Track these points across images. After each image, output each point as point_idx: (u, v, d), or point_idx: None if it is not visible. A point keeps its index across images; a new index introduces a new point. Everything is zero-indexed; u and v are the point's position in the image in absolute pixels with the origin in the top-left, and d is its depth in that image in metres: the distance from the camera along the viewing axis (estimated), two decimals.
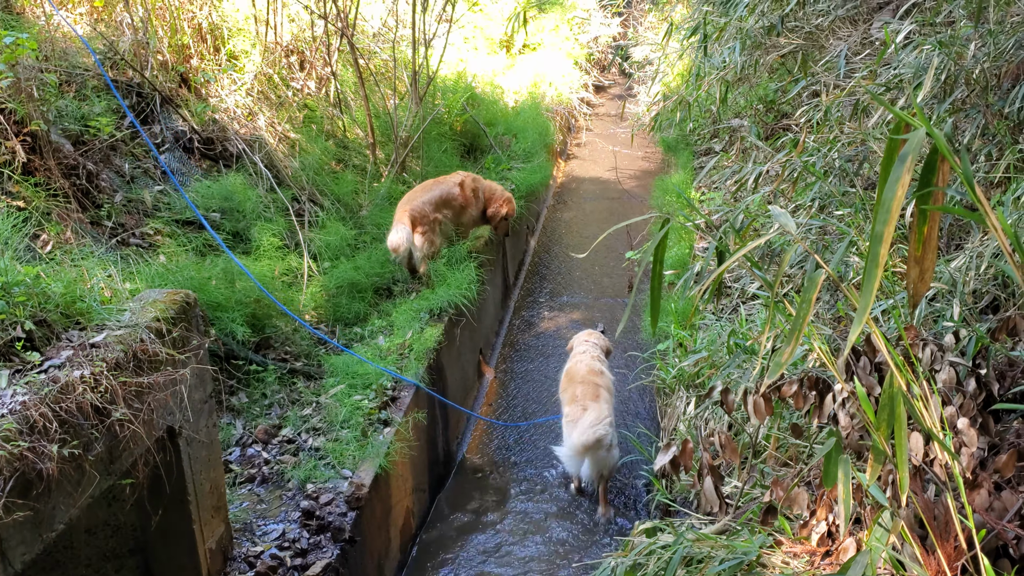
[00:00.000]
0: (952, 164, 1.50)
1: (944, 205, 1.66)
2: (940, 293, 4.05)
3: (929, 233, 1.61)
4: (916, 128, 1.46)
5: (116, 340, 3.34)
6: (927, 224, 1.59)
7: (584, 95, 14.27)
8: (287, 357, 5.77)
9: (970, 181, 1.48)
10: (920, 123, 1.47)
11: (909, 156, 1.43)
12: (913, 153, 1.43)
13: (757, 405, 2.87)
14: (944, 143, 1.49)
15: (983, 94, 4.80)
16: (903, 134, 1.49)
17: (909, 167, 1.44)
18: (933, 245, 1.62)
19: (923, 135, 1.46)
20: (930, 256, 1.62)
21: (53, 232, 4.97)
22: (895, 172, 1.46)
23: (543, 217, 10.87)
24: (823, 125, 5.74)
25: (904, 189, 1.45)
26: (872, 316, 3.86)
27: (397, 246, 6.56)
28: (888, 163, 1.50)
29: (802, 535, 2.77)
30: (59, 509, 3.01)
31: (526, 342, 8.12)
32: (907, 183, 1.45)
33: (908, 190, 1.53)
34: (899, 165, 1.45)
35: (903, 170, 1.44)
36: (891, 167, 1.47)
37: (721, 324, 5.49)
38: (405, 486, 5.36)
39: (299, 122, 7.86)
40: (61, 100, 5.87)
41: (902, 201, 1.45)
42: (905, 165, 1.44)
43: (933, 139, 1.49)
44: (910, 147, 1.44)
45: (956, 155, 1.56)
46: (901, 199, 1.45)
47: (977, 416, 2.69)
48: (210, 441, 3.95)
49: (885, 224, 1.45)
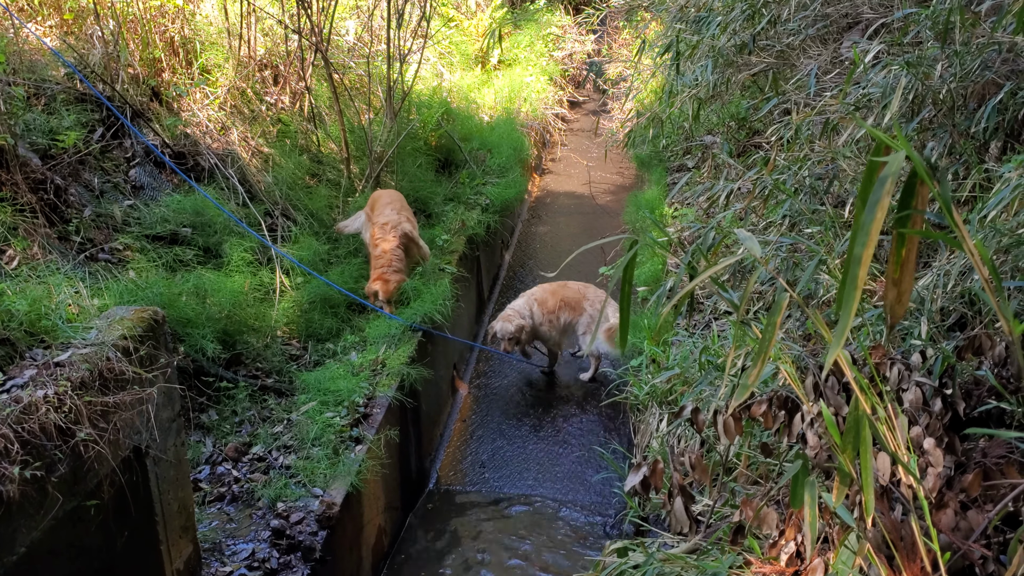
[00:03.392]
0: (931, 188, 1.51)
1: (922, 229, 1.68)
2: (908, 311, 4.09)
3: (907, 256, 1.61)
4: (896, 150, 1.47)
5: (81, 359, 3.29)
6: (905, 247, 1.60)
7: (559, 111, 14.32)
8: (258, 373, 5.72)
9: (948, 206, 1.49)
10: (900, 145, 1.47)
11: (889, 179, 1.43)
12: (893, 176, 1.43)
13: (727, 425, 2.88)
14: (924, 166, 1.50)
15: (950, 114, 4.87)
16: (883, 156, 1.49)
17: (889, 190, 1.44)
18: (911, 268, 1.63)
19: (903, 158, 1.46)
20: (908, 278, 1.63)
21: (19, 248, 4.90)
22: (875, 194, 1.45)
23: (518, 232, 10.88)
24: (794, 143, 5.79)
25: (884, 212, 1.44)
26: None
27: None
28: (867, 185, 1.50)
29: (771, 555, 2.77)
30: (20, 532, 2.95)
31: (501, 357, 8.10)
32: (887, 205, 1.45)
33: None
34: (879, 187, 1.45)
35: (883, 192, 1.44)
36: (870, 189, 1.47)
37: (693, 341, 5.51)
38: (377, 504, 5.31)
39: (273, 136, 7.82)
40: (29, 113, 5.80)
41: (881, 224, 1.45)
42: (885, 188, 1.44)
43: (913, 163, 1.50)
44: (890, 169, 1.44)
45: (938, 179, 1.57)
46: (881, 222, 1.45)
47: (943, 436, 2.72)
48: (178, 460, 3.89)
49: (864, 247, 1.44)
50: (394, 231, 6.71)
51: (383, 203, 7.01)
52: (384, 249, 6.63)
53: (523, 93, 12.64)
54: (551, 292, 7.56)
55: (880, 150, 1.54)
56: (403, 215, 6.96)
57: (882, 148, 1.54)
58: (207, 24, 7.80)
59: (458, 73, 11.96)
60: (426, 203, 8.51)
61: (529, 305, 7.44)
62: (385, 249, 6.63)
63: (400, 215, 6.92)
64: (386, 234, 6.71)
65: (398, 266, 6.58)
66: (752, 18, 6.81)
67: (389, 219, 6.82)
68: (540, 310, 7.44)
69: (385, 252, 6.62)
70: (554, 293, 7.55)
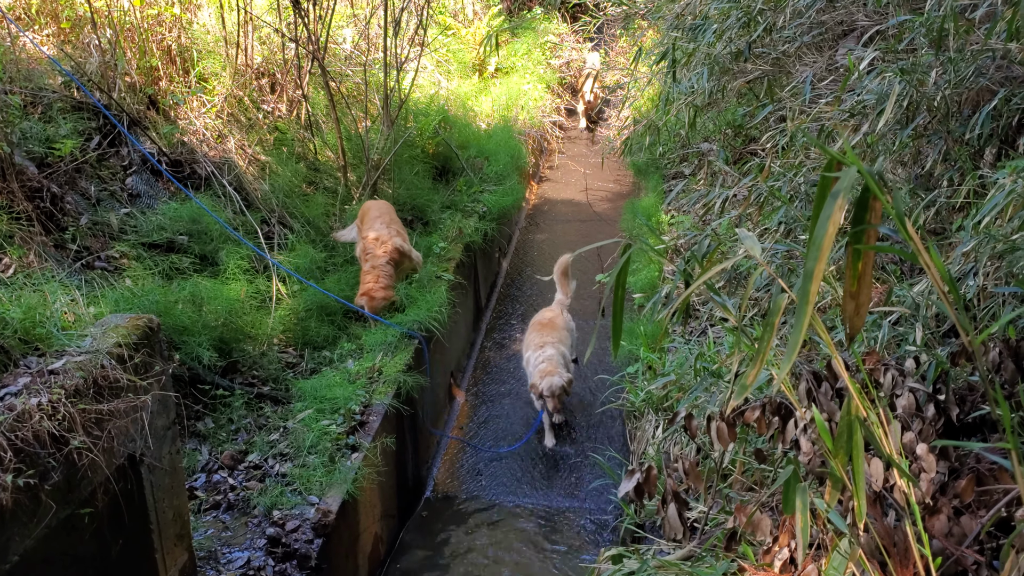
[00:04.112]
0: (883, 203, 1.52)
1: (882, 244, 1.69)
2: (904, 317, 4.09)
3: (864, 269, 1.62)
4: (848, 166, 1.48)
5: (76, 366, 3.29)
6: (861, 261, 1.61)
7: (556, 118, 14.34)
8: (254, 381, 5.72)
9: (901, 219, 1.50)
10: (851, 161, 1.48)
11: (841, 194, 1.44)
12: (845, 191, 1.44)
13: (720, 431, 2.88)
14: (874, 182, 1.51)
15: (944, 120, 4.88)
16: (834, 171, 1.51)
17: (840, 205, 1.45)
18: (868, 281, 1.64)
19: (855, 173, 1.48)
20: (865, 292, 1.64)
21: (15, 255, 4.90)
22: (826, 210, 1.47)
23: (515, 239, 10.89)
24: (789, 150, 5.80)
25: (835, 227, 1.46)
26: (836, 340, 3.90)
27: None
28: (820, 200, 1.51)
29: (765, 561, 2.77)
30: (14, 540, 2.95)
31: (498, 364, 8.10)
32: (838, 221, 1.46)
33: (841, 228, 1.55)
34: (830, 203, 1.46)
35: (834, 208, 1.45)
36: (823, 204, 1.49)
37: (689, 347, 5.51)
38: (373, 512, 5.30)
39: (269, 144, 7.83)
40: (25, 122, 5.81)
41: (833, 238, 1.47)
42: (836, 203, 1.45)
43: (865, 179, 1.51)
44: (841, 185, 1.45)
45: (890, 193, 1.58)
46: (832, 236, 1.46)
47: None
48: (173, 468, 3.89)
49: (816, 261, 1.46)
50: (384, 246, 6.72)
51: (372, 216, 6.99)
52: (373, 265, 6.65)
53: (520, 101, 12.66)
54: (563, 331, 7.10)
55: (832, 166, 1.55)
56: (392, 228, 6.96)
57: (833, 164, 1.55)
58: (204, 33, 7.81)
59: (455, 81, 11.98)
60: (423, 211, 8.52)
61: (562, 353, 6.82)
62: (374, 265, 6.64)
63: (390, 228, 6.92)
64: (376, 248, 6.72)
65: (385, 282, 6.57)
66: (748, 25, 6.83)
67: (379, 233, 6.82)
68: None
69: (374, 268, 6.63)
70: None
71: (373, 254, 6.67)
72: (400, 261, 6.85)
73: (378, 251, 6.68)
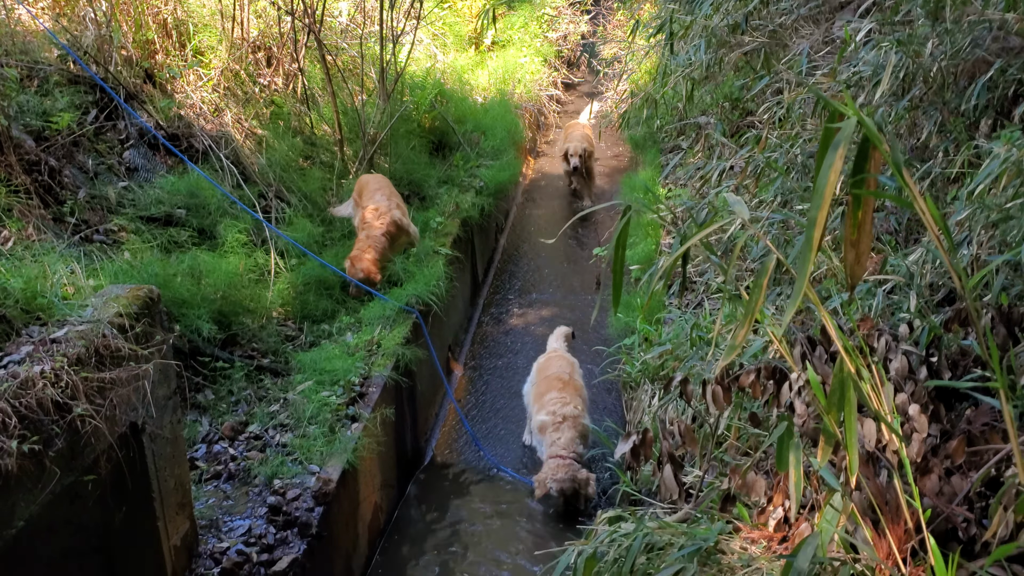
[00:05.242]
0: (882, 152, 1.55)
1: (881, 191, 1.72)
2: (898, 286, 4.13)
3: (863, 218, 1.65)
4: (849, 117, 1.51)
5: (77, 335, 3.32)
6: (861, 209, 1.64)
7: (553, 92, 14.31)
8: (254, 354, 5.75)
9: (899, 167, 1.53)
10: (852, 113, 1.51)
11: (841, 144, 1.47)
12: (845, 141, 1.47)
13: (715, 394, 2.92)
14: (875, 131, 1.54)
15: (940, 92, 4.90)
16: (837, 123, 1.54)
17: (841, 154, 1.48)
18: (868, 229, 1.67)
19: (854, 124, 1.50)
20: (865, 240, 1.67)
21: (14, 228, 4.92)
22: (828, 159, 1.50)
23: (512, 215, 10.90)
24: (786, 122, 5.82)
25: (836, 175, 1.49)
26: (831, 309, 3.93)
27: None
28: (823, 151, 1.54)
29: (760, 521, 2.82)
30: (19, 506, 2.99)
31: (496, 338, 8.14)
32: (839, 169, 1.49)
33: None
34: (832, 153, 1.49)
35: (836, 157, 1.48)
36: (825, 155, 1.52)
37: (685, 318, 5.55)
38: (373, 482, 5.36)
39: (266, 118, 7.81)
40: (22, 95, 5.80)
41: (835, 187, 1.50)
42: (838, 153, 1.48)
43: (864, 128, 1.54)
44: (842, 135, 1.48)
45: (888, 144, 1.60)
46: (834, 185, 1.49)
47: (928, 403, 2.76)
48: (175, 437, 3.93)
49: (819, 209, 1.49)
50: (382, 219, 6.74)
51: (372, 188, 7.03)
52: (368, 235, 6.68)
53: (517, 74, 12.62)
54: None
55: (834, 117, 1.58)
56: (393, 200, 6.99)
57: (836, 115, 1.58)
58: (200, 6, 7.78)
59: (452, 54, 11.93)
60: (420, 185, 8.52)
61: (582, 434, 5.84)
62: (369, 235, 6.68)
63: (390, 200, 6.95)
64: (374, 220, 6.74)
65: (373, 255, 6.55)
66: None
67: (379, 204, 6.84)
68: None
69: (368, 237, 6.66)
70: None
71: (370, 225, 6.69)
72: (397, 235, 6.87)
73: (375, 223, 6.71)
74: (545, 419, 5.86)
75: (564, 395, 5.92)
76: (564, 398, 5.89)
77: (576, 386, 6.14)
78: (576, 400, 5.95)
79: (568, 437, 5.67)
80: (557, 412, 5.81)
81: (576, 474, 5.47)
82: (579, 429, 5.76)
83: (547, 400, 5.94)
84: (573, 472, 5.47)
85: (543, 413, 5.91)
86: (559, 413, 5.79)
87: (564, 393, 5.94)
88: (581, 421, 5.83)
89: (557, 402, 5.87)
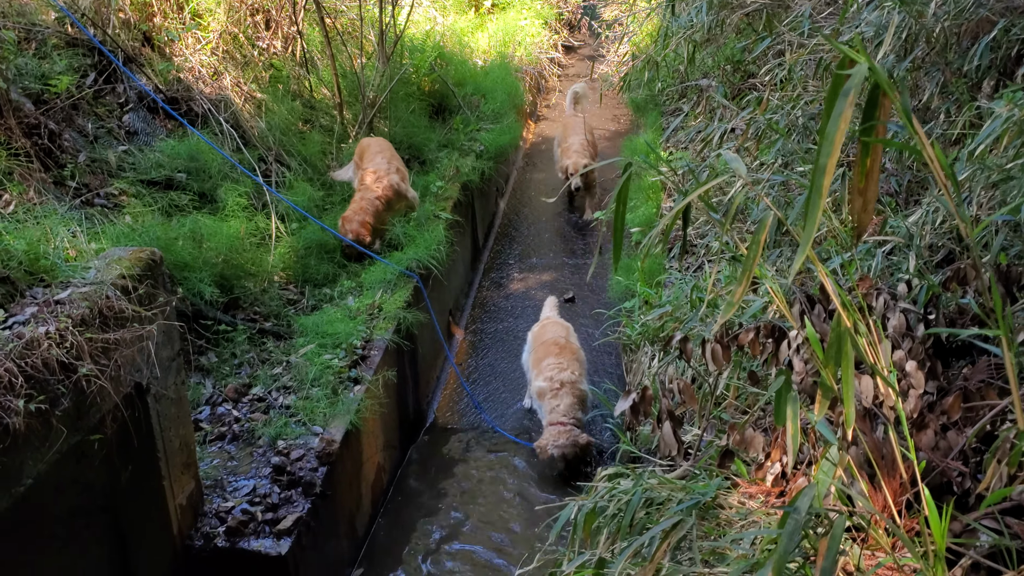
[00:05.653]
0: (892, 98, 1.55)
1: (889, 140, 1.73)
2: (897, 247, 4.14)
3: (871, 166, 1.66)
4: (859, 63, 1.51)
5: (81, 297, 3.35)
6: (869, 157, 1.64)
7: (554, 55, 14.21)
8: (256, 317, 5.78)
9: (908, 114, 1.54)
10: (863, 59, 1.51)
11: (852, 90, 1.47)
12: (855, 88, 1.47)
13: (715, 352, 2.94)
14: (885, 78, 1.54)
15: (943, 52, 4.87)
16: (847, 69, 1.54)
17: (851, 101, 1.48)
18: (875, 177, 1.67)
19: (865, 70, 1.50)
20: (872, 188, 1.67)
21: (15, 192, 4.92)
22: (838, 107, 1.50)
23: (513, 179, 10.87)
24: (787, 84, 5.79)
25: (846, 123, 1.49)
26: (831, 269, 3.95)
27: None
28: (832, 98, 1.54)
29: (757, 477, 2.86)
30: (27, 464, 3.03)
31: (496, 303, 8.17)
32: (849, 117, 1.49)
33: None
34: (842, 100, 1.49)
35: (845, 104, 1.48)
36: (835, 102, 1.52)
37: (685, 280, 5.57)
38: (376, 443, 5.41)
39: (265, 82, 7.77)
40: (20, 58, 5.77)
41: (844, 134, 1.50)
42: (848, 99, 1.48)
43: (875, 75, 1.54)
44: (852, 82, 1.48)
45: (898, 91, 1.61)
46: (843, 132, 1.49)
47: (925, 360, 2.79)
48: (179, 398, 3.97)
49: (828, 156, 1.49)
50: (380, 182, 6.76)
51: (373, 151, 7.05)
52: (363, 196, 6.72)
53: (517, 37, 12.52)
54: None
55: (844, 64, 1.58)
56: (392, 164, 7.01)
57: (846, 62, 1.58)
58: None
59: (451, 16, 11.83)
60: (420, 149, 8.50)
61: (580, 399, 5.88)
62: (364, 196, 6.71)
63: (390, 164, 6.97)
64: (372, 183, 6.76)
65: (363, 218, 6.57)
66: None
67: (379, 168, 6.86)
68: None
69: (363, 199, 6.70)
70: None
71: (368, 187, 6.72)
72: (394, 199, 6.88)
73: (373, 186, 6.73)
74: (543, 385, 5.93)
75: (561, 360, 5.98)
76: (561, 363, 5.96)
77: (572, 349, 6.18)
78: (573, 365, 6.00)
79: (567, 403, 5.75)
80: (555, 378, 5.88)
81: (577, 439, 5.57)
82: (577, 394, 5.83)
83: (545, 366, 6.01)
84: (574, 437, 5.57)
85: (541, 379, 5.98)
86: (557, 379, 5.87)
87: (561, 358, 6.00)
88: (579, 386, 5.89)
89: (555, 368, 5.93)
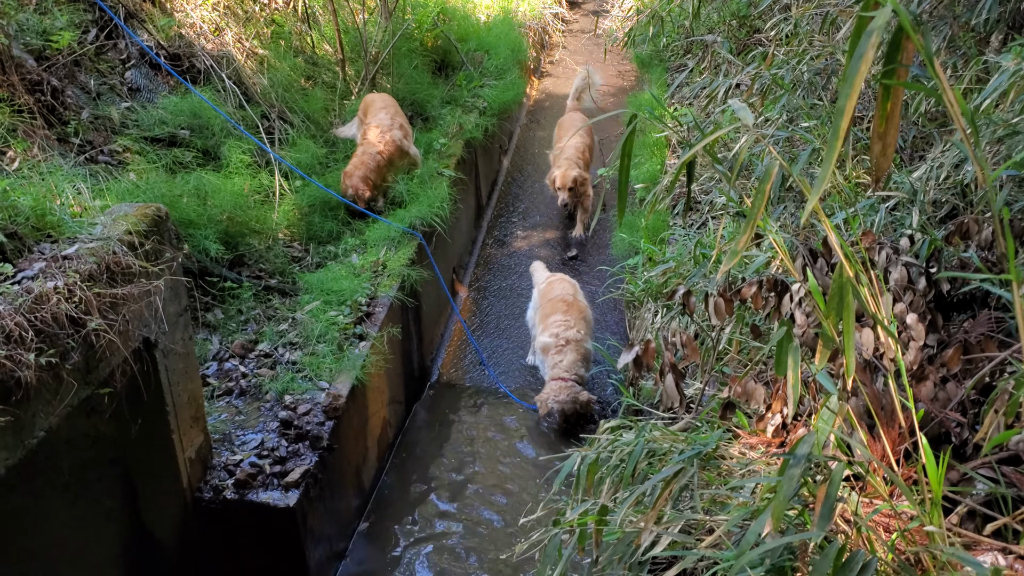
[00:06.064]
0: (915, 42, 1.54)
1: (910, 83, 1.72)
2: (901, 202, 4.14)
3: (892, 110, 1.66)
4: (884, 5, 1.50)
5: (88, 252, 3.37)
6: (890, 100, 1.64)
7: (558, 10, 14.05)
8: (261, 274, 5.81)
9: (930, 58, 1.53)
10: (887, 1, 1.50)
11: (875, 32, 1.46)
12: (879, 29, 1.46)
13: (718, 306, 2.97)
14: (909, 21, 1.53)
15: (951, 5, 4.83)
16: (871, 11, 1.53)
17: (874, 43, 1.47)
18: (895, 121, 1.67)
19: (889, 12, 1.49)
20: (892, 132, 1.67)
21: (19, 148, 4.92)
22: (860, 47, 1.49)
23: (516, 136, 10.82)
24: (793, 38, 5.74)
25: (868, 65, 1.48)
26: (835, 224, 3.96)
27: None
28: (855, 40, 1.53)
29: (758, 428, 2.90)
30: (39, 416, 3.07)
31: (499, 260, 8.19)
32: (871, 58, 1.48)
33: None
34: (865, 40, 1.48)
35: (868, 45, 1.47)
36: (857, 43, 1.51)
37: (689, 236, 5.58)
38: (381, 398, 5.47)
39: (267, 38, 7.72)
40: (21, 14, 5.73)
41: (865, 75, 1.50)
42: (871, 41, 1.47)
43: (899, 17, 1.53)
44: (876, 23, 1.47)
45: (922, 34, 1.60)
46: (864, 73, 1.49)
47: (926, 313, 2.81)
48: (186, 353, 4.01)
49: (847, 98, 1.49)
50: (383, 137, 6.76)
51: (377, 107, 7.05)
52: (365, 151, 6.74)
53: None
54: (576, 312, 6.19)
55: (868, 6, 1.57)
56: (396, 120, 7.00)
57: (871, 3, 1.57)
58: None
59: None
60: (423, 106, 8.45)
61: (584, 357, 5.96)
62: (366, 151, 6.74)
63: (394, 120, 6.97)
64: (375, 139, 6.76)
65: (363, 172, 6.60)
66: None
67: (382, 123, 6.86)
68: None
69: (364, 154, 6.72)
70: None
71: (371, 142, 6.74)
72: (396, 156, 6.88)
73: (376, 141, 6.74)
74: (548, 341, 5.98)
75: (568, 318, 6.01)
76: (568, 321, 5.99)
77: (580, 307, 6.21)
78: (580, 324, 6.03)
79: (570, 359, 5.81)
80: (560, 335, 5.92)
81: (577, 395, 5.63)
82: (581, 352, 5.88)
83: (551, 322, 6.05)
84: (574, 394, 5.63)
85: (546, 335, 6.03)
86: (562, 336, 5.91)
87: (568, 316, 6.03)
88: (584, 345, 5.94)
89: (560, 325, 5.97)
